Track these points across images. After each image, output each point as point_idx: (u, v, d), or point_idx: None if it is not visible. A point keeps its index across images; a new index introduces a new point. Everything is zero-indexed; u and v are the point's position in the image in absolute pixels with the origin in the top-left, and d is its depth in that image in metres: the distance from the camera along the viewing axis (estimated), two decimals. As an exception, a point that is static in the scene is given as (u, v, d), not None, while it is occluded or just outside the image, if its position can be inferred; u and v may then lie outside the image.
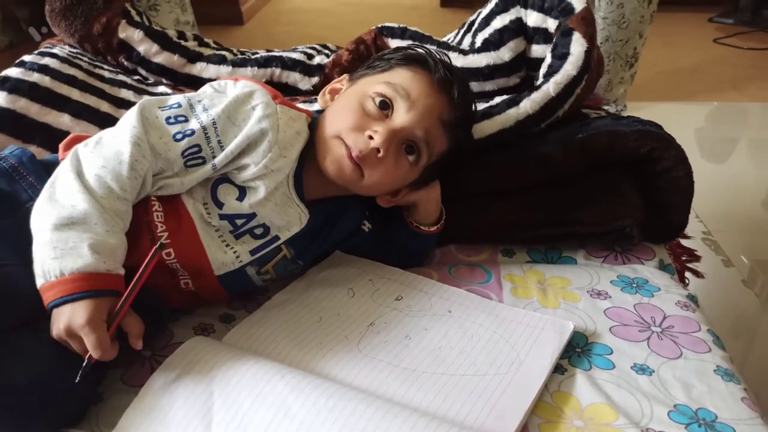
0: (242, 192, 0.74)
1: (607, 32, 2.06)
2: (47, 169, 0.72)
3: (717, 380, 0.68)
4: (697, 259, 1.14)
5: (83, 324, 0.60)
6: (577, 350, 0.72)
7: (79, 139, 0.76)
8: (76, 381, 0.60)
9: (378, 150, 0.73)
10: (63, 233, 0.63)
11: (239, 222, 0.75)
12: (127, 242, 0.67)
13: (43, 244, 0.63)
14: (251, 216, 0.75)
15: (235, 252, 0.76)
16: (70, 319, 0.60)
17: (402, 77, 0.77)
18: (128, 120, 0.70)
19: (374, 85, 0.77)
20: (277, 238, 0.78)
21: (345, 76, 0.86)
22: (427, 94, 0.76)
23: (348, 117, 0.75)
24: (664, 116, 1.28)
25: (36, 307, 0.63)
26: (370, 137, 0.73)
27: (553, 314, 0.77)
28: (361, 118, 0.75)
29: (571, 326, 0.73)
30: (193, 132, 0.71)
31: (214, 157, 0.71)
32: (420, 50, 0.82)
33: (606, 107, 1.28)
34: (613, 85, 2.17)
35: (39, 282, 0.62)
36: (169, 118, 0.71)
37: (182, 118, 0.72)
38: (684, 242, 1.13)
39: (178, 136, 0.70)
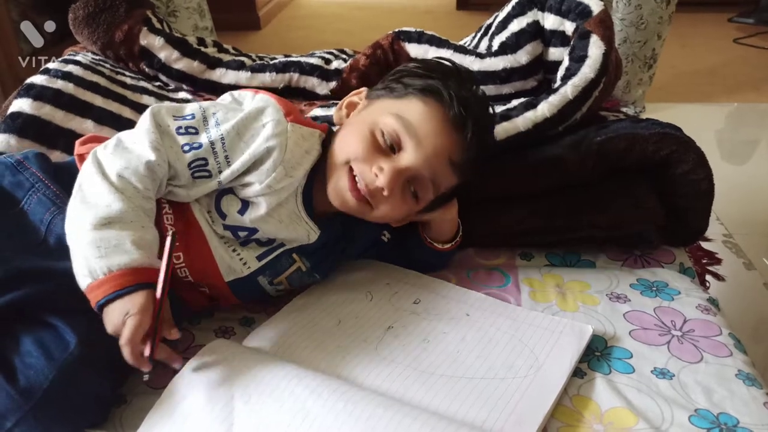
0: (245, 205, 0.74)
1: (625, 34, 2.04)
2: (53, 166, 0.77)
3: (738, 384, 0.67)
4: (718, 261, 1.12)
5: (136, 313, 0.61)
6: (597, 354, 0.72)
7: (96, 139, 0.78)
8: (144, 380, 0.63)
9: (383, 189, 0.72)
10: (104, 232, 0.64)
11: (242, 234, 0.75)
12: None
13: (84, 244, 0.64)
14: (253, 230, 0.75)
15: (241, 258, 0.76)
16: (124, 314, 0.61)
17: (414, 110, 0.73)
18: (144, 125, 0.71)
19: (386, 115, 0.73)
20: (282, 245, 0.78)
21: (363, 90, 0.83)
22: (437, 132, 0.72)
23: (358, 146, 0.73)
24: (684, 118, 1.27)
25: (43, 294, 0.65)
26: (376, 174, 0.72)
27: (572, 318, 0.77)
28: (369, 149, 0.72)
29: (590, 330, 0.73)
30: (200, 146, 0.71)
31: (220, 172, 0.71)
32: (436, 81, 0.75)
33: (624, 109, 1.28)
34: (632, 86, 2.15)
35: (84, 282, 0.64)
36: (179, 128, 0.72)
37: (193, 130, 0.72)
38: (704, 245, 1.11)
39: (186, 148, 0.71)
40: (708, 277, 1.10)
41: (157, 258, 0.67)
